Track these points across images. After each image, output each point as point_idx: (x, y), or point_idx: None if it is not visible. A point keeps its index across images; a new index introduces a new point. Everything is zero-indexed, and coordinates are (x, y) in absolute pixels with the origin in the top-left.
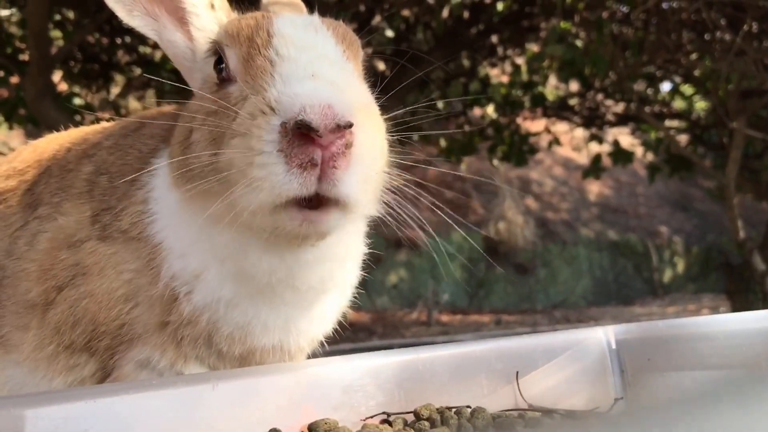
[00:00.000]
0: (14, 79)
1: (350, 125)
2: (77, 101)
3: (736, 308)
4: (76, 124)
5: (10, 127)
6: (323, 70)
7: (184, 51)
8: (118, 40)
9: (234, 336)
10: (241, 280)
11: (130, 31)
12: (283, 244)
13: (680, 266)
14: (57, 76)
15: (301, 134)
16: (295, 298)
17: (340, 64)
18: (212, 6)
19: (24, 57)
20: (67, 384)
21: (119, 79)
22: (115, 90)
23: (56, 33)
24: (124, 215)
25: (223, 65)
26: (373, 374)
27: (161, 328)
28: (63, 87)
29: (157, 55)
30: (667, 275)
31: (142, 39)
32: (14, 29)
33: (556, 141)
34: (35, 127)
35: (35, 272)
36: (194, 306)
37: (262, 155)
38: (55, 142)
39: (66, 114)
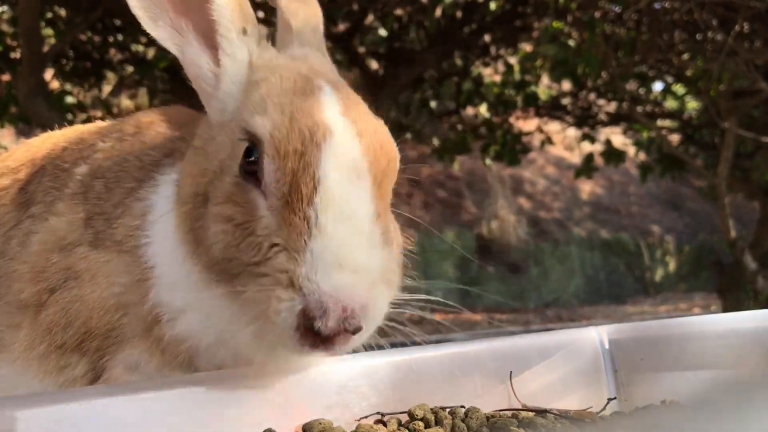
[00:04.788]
0: (6, 77)
1: (359, 329)
2: (69, 99)
3: (727, 307)
4: (68, 123)
5: (2, 126)
6: (353, 254)
7: (207, 75)
8: (111, 38)
9: (214, 364)
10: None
11: (122, 29)
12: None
13: (672, 265)
14: (49, 74)
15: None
16: None
17: (371, 240)
18: (244, 32)
19: (15, 55)
20: (58, 384)
21: (111, 77)
22: (107, 88)
23: (48, 31)
24: (119, 225)
25: (256, 165)
26: (367, 374)
27: (147, 337)
28: (55, 85)
29: (150, 53)
30: (659, 274)
31: (134, 37)
32: (5, 27)
33: (548, 140)
34: (27, 125)
35: (28, 273)
36: (176, 334)
37: (276, 325)
38: (50, 140)
39: (58, 112)
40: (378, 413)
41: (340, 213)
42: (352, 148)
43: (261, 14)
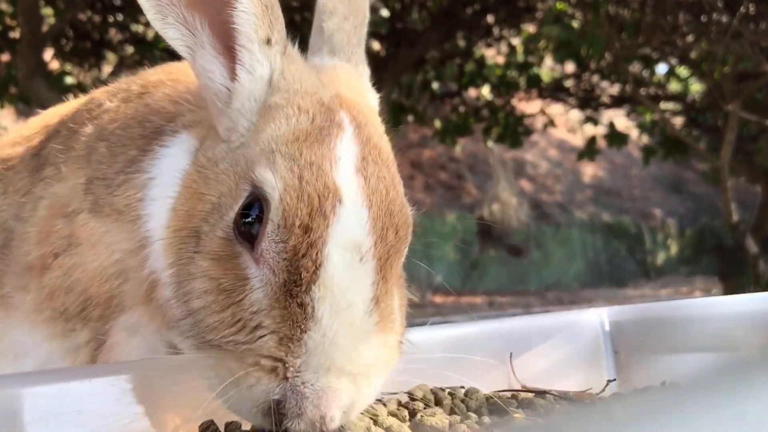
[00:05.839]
0: (5, 57)
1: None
2: (69, 80)
3: (728, 290)
4: None
5: (2, 106)
6: (344, 354)
7: (219, 88)
8: (110, 18)
9: None
10: None
11: (122, 9)
12: None
13: (673, 248)
14: (48, 54)
15: None
16: None
17: (365, 333)
18: (268, 41)
19: (15, 35)
20: (64, 349)
21: (111, 57)
22: (107, 68)
23: (47, 10)
24: (121, 193)
25: (254, 226)
26: None
27: (148, 300)
28: (55, 65)
29: (150, 33)
30: (660, 257)
31: (134, 17)
32: (5, 6)
33: (551, 122)
34: (26, 105)
35: (35, 236)
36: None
37: (245, 399)
38: (64, 107)
39: (58, 92)
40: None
41: (337, 304)
42: (359, 222)
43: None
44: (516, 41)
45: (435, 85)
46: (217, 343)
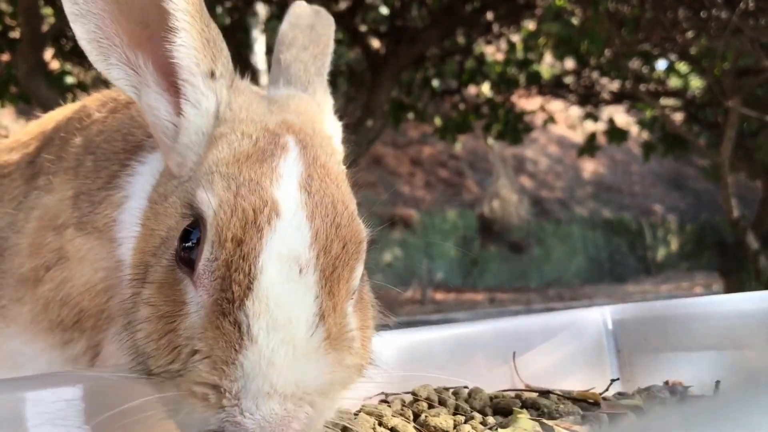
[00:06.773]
0: (5, 57)
1: None
2: (69, 79)
3: (728, 286)
4: (69, 103)
5: (2, 105)
6: (285, 376)
7: (165, 124)
8: None
9: None
10: None
11: None
12: None
13: (674, 244)
14: (49, 53)
15: None
16: None
17: (309, 351)
18: (212, 74)
19: (15, 34)
20: (64, 358)
21: None
22: None
23: (47, 10)
24: (101, 211)
25: (194, 250)
26: (372, 355)
27: None
28: (55, 65)
29: None
30: (661, 253)
31: None
32: (5, 6)
33: (551, 119)
34: (27, 105)
35: (27, 248)
36: None
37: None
38: (61, 113)
39: (58, 92)
40: (382, 393)
41: (274, 320)
42: (299, 234)
43: None
44: (516, 38)
45: (435, 83)
46: (156, 373)
